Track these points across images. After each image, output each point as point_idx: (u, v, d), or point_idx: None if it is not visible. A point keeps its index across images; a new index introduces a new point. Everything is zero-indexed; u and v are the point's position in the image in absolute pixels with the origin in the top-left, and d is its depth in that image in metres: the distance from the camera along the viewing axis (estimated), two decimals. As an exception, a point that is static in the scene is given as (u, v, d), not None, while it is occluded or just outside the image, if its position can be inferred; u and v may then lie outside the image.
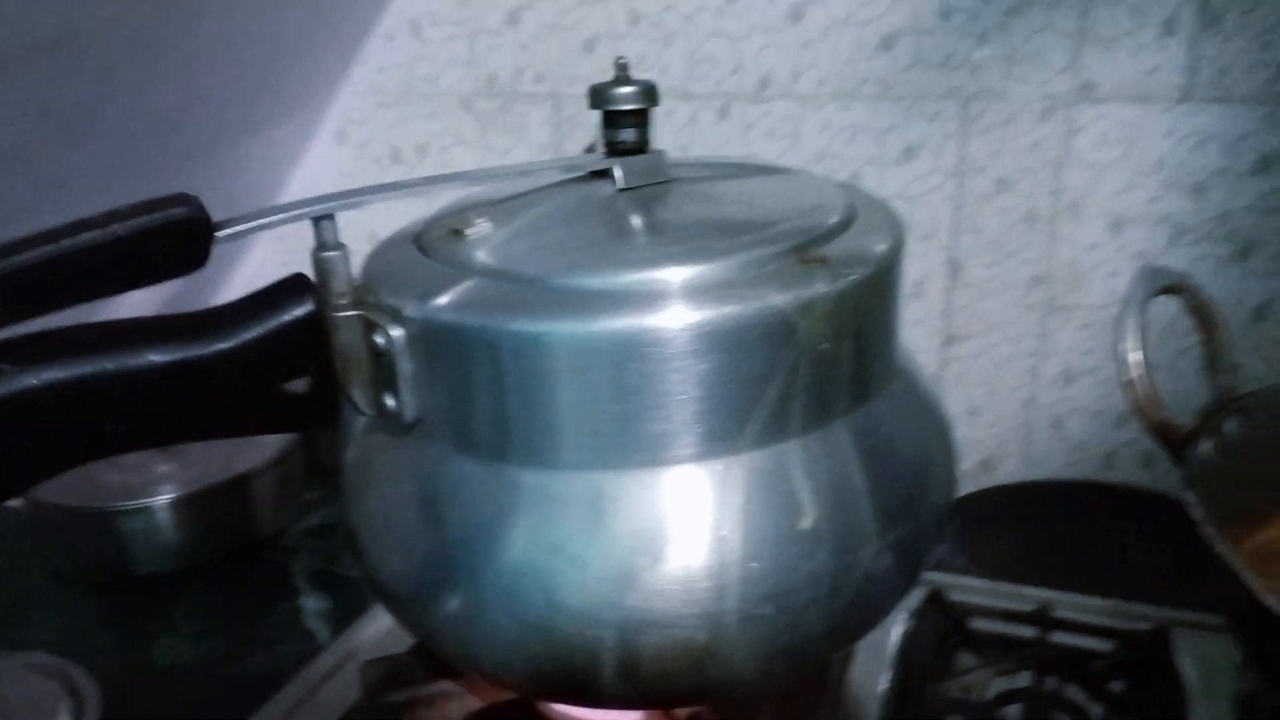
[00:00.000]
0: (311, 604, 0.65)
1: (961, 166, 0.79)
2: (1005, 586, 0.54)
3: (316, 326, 0.37)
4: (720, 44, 0.82)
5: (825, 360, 0.38)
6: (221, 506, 0.69)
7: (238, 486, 0.69)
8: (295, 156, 0.93)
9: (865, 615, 0.41)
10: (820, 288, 0.37)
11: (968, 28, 0.76)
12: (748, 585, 0.36)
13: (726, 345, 0.36)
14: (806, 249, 0.39)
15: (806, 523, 0.37)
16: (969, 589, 0.54)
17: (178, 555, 0.68)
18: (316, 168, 0.94)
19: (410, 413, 0.39)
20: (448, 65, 0.90)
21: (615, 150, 0.44)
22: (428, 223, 0.43)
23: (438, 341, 0.38)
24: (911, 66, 0.78)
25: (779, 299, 0.37)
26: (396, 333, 0.37)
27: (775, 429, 0.38)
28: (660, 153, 0.45)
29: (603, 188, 0.44)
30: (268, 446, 0.72)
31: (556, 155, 0.88)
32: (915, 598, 0.51)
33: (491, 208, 0.43)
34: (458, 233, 0.41)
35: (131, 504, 0.67)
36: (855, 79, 0.80)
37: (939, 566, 0.58)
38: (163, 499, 0.67)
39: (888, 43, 0.78)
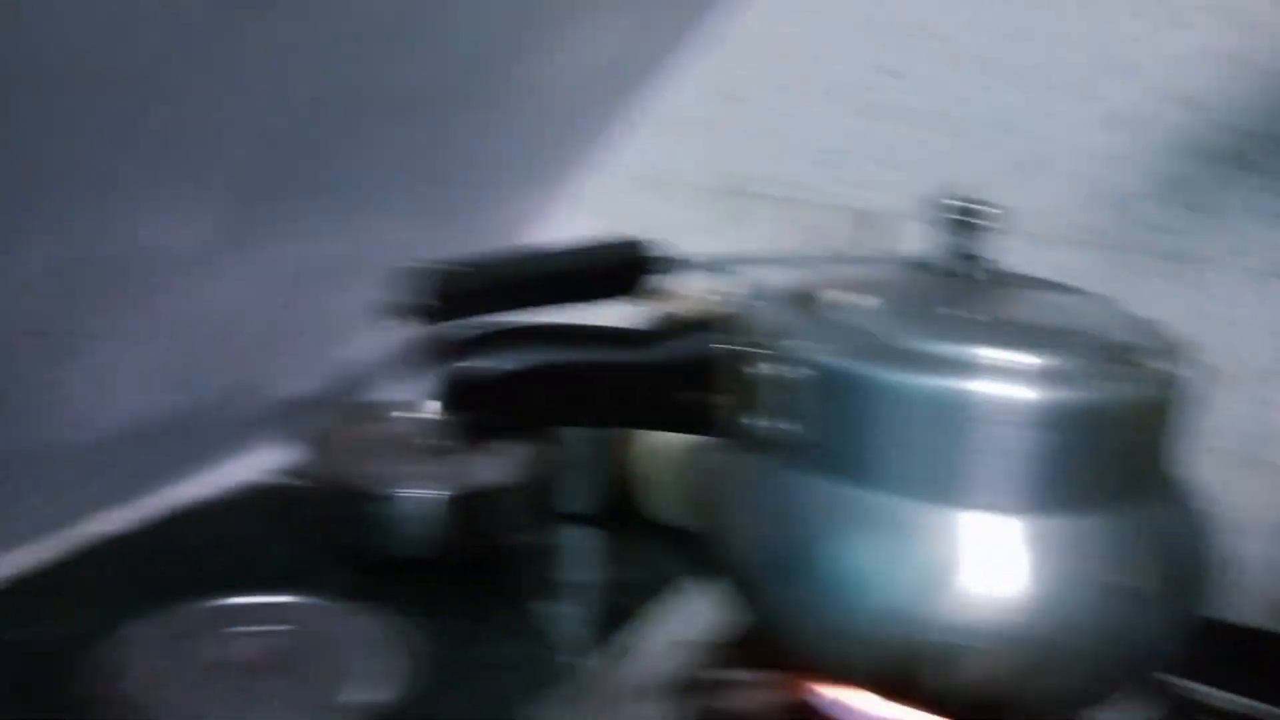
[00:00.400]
0: (563, 608, 0.72)
1: (1171, 321, 0.86)
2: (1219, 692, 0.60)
3: (720, 355, 0.47)
4: (962, 179, 0.91)
5: (1138, 450, 0.46)
6: (484, 508, 0.77)
7: (496, 495, 0.78)
8: (532, 224, 1.01)
9: (1136, 668, 0.48)
10: (1149, 388, 0.45)
11: (1190, 198, 0.85)
12: (1063, 621, 0.44)
13: (1066, 422, 0.45)
14: (1131, 355, 0.47)
15: (1114, 580, 0.44)
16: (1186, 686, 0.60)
17: (435, 546, 0.75)
18: (549, 238, 1.03)
19: (787, 435, 0.47)
20: (689, 159, 0.99)
21: (960, 254, 0.53)
22: (800, 290, 0.52)
23: (822, 381, 0.46)
24: (1135, 224, 0.87)
25: (1115, 390, 0.45)
26: (794, 371, 0.46)
27: (1090, 499, 0.45)
28: (993, 261, 0.54)
29: (945, 281, 0.53)
30: (518, 466, 0.81)
31: (778, 251, 0.96)
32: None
33: (854, 285, 0.52)
34: (836, 301, 0.50)
35: (413, 492, 0.75)
36: (1083, 228, 0.88)
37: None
38: (437, 492, 0.75)
39: (1118, 201, 0.87)
